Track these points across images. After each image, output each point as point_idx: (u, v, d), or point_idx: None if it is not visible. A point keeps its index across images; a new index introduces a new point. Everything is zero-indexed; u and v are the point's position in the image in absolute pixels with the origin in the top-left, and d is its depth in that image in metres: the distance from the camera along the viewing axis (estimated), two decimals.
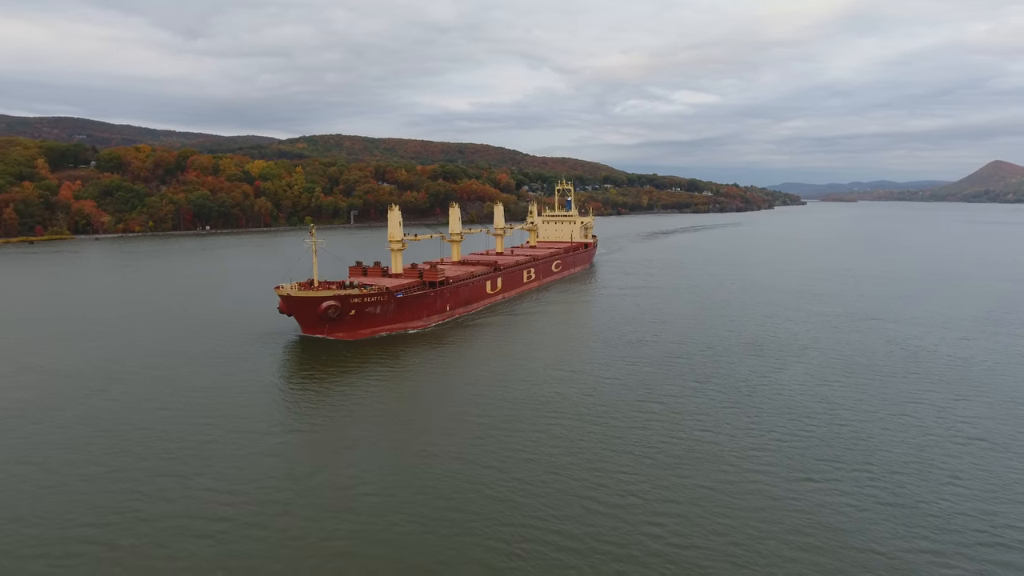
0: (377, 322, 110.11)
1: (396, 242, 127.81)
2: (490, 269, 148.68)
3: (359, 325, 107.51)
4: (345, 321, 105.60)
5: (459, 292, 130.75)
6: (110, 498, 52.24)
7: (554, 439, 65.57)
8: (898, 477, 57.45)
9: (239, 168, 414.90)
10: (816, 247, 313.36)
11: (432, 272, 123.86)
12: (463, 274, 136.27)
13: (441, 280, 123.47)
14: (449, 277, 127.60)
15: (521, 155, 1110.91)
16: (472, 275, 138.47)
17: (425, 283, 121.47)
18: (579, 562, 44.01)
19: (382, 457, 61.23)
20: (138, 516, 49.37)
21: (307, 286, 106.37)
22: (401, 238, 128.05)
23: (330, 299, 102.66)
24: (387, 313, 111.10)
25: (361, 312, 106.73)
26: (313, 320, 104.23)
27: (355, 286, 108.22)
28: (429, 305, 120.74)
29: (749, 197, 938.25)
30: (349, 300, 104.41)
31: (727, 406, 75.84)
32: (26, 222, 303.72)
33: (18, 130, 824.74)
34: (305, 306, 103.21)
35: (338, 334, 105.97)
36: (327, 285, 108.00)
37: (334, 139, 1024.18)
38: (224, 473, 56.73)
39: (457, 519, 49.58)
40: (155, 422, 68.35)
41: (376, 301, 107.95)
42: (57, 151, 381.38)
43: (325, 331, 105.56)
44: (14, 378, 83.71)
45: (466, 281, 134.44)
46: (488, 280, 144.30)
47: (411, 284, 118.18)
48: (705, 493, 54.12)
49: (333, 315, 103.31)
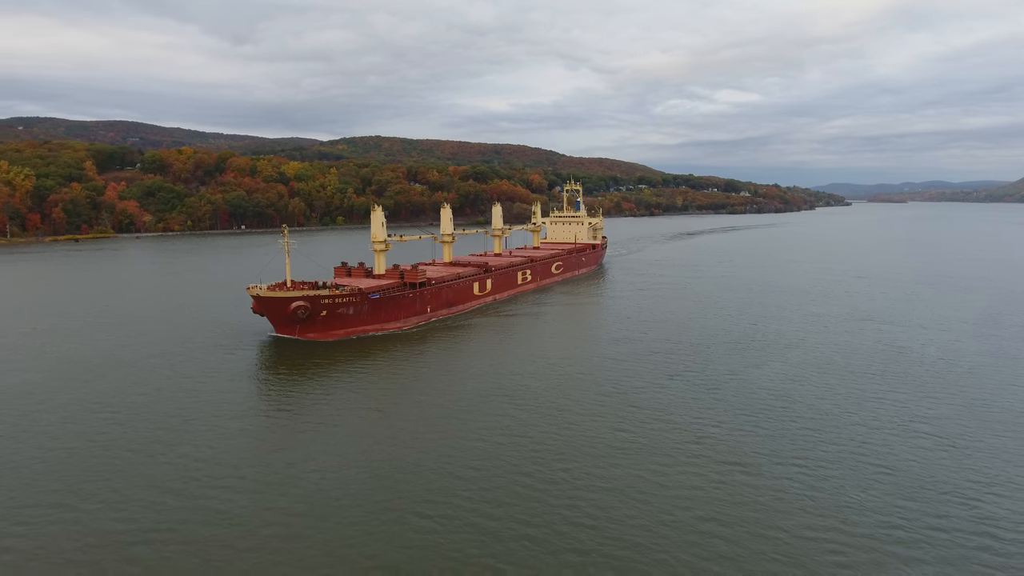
0: (351, 323, 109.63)
1: (379, 243, 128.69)
2: (480, 270, 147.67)
3: (332, 326, 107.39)
4: (317, 322, 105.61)
5: (441, 293, 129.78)
6: (90, 464, 57.84)
7: (501, 428, 68.89)
8: (827, 470, 58.96)
9: (275, 170, 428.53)
10: (844, 249, 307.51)
11: (413, 273, 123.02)
12: (448, 275, 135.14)
13: (421, 281, 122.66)
14: (431, 278, 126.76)
15: (558, 155, 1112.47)
16: (459, 276, 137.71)
17: (405, 284, 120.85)
18: (496, 526, 47.43)
19: (329, 442, 65.59)
20: (114, 482, 54.77)
21: (281, 287, 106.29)
22: (384, 239, 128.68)
23: (299, 300, 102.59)
24: (361, 314, 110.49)
25: (333, 313, 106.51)
26: (284, 320, 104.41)
27: (327, 287, 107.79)
28: (407, 306, 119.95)
29: (789, 198, 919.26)
30: (319, 301, 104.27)
31: (687, 400, 77.87)
32: (73, 221, 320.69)
33: (76, 133, 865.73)
34: (275, 306, 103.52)
35: (310, 335, 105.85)
36: (300, 286, 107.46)
37: (373, 140, 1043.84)
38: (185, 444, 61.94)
39: (385, 497, 53.50)
40: (140, 404, 74.32)
41: (348, 302, 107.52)
42: (105, 153, 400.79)
43: (297, 331, 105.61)
44: (30, 363, 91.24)
45: (451, 282, 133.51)
46: (476, 281, 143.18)
47: (389, 285, 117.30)
48: (632, 480, 56.75)
49: (303, 316, 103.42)
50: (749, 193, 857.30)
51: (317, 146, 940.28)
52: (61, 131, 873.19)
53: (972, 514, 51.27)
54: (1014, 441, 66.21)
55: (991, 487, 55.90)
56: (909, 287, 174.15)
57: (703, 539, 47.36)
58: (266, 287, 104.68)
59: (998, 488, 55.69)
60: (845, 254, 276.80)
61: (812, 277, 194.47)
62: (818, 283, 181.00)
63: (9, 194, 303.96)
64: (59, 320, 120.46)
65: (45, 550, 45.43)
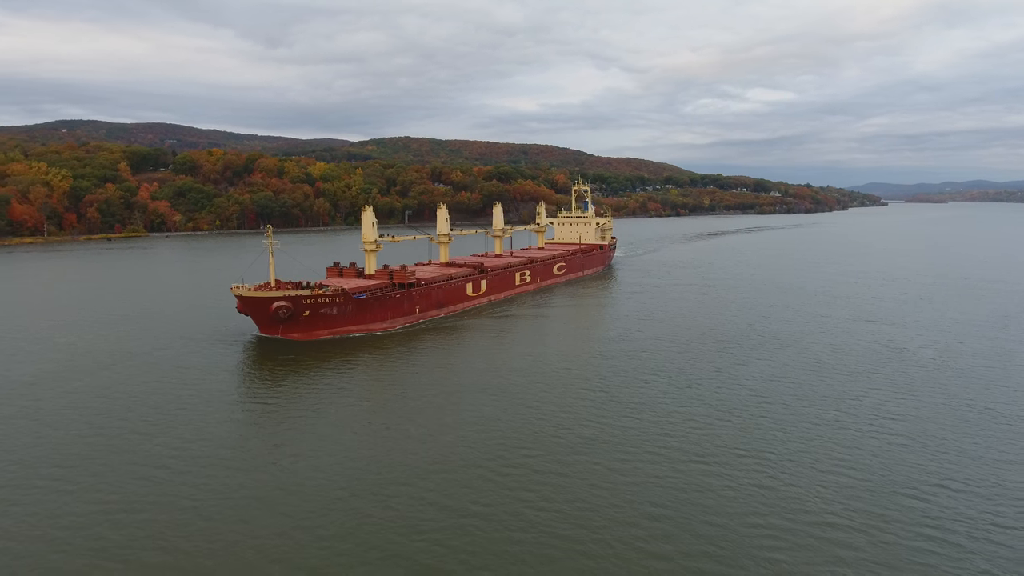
0: (335, 323, 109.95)
1: (369, 243, 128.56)
2: (474, 271, 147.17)
3: (315, 326, 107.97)
4: (300, 322, 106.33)
5: (431, 294, 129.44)
6: (88, 442, 62.01)
7: (473, 420, 71.34)
8: (785, 465, 59.97)
9: (302, 170, 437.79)
10: (864, 249, 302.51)
11: (401, 274, 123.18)
12: (439, 276, 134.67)
13: (410, 282, 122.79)
14: (420, 279, 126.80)
15: (585, 155, 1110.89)
16: (451, 277, 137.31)
17: (394, 285, 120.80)
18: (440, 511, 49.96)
19: (299, 429, 68.88)
20: (106, 459, 58.78)
21: (266, 287, 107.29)
22: (374, 239, 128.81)
23: (280, 300, 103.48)
24: (345, 314, 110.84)
25: (316, 313, 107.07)
26: (267, 320, 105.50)
27: (311, 287, 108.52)
28: (395, 307, 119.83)
29: (820, 198, 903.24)
30: (301, 301, 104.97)
31: (664, 396, 79.26)
32: (107, 220, 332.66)
33: (117, 135, 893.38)
34: (257, 306, 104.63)
35: (292, 335, 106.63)
36: (284, 286, 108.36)
37: (402, 141, 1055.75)
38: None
39: (333, 486, 56.41)
40: (141, 392, 78.77)
41: (331, 303, 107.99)
42: (139, 155, 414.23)
43: (280, 331, 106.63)
44: (44, 354, 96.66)
45: (441, 283, 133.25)
46: (469, 282, 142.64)
47: (376, 286, 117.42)
48: (591, 468, 58.69)
49: (284, 316, 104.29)
50: (779, 193, 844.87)
51: (347, 147, 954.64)
52: (102, 133, 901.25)
53: (912, 512, 51.97)
54: (984, 441, 66.25)
55: (945, 485, 56.39)
56: (921, 288, 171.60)
57: (645, 521, 49.10)
58: (249, 287, 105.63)
59: (953, 486, 56.15)
60: (864, 254, 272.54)
61: (824, 278, 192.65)
62: (828, 285, 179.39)
63: (47, 194, 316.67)
64: (81, 314, 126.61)
65: (38, 514, 49.35)
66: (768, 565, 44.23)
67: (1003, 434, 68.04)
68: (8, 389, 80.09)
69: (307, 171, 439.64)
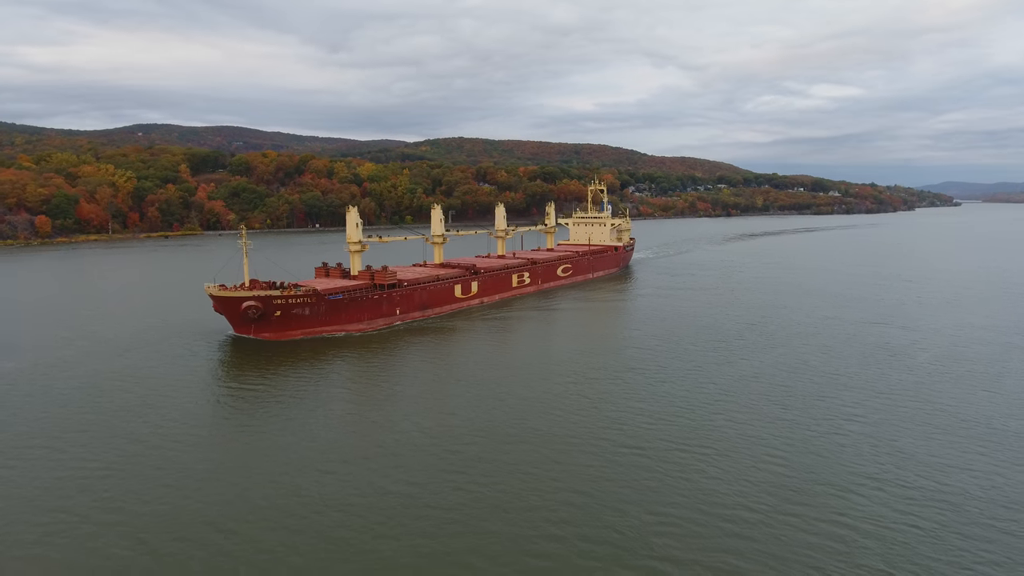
0: (307, 323, 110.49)
1: (354, 244, 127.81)
2: (465, 272, 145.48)
3: (287, 326, 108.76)
4: (272, 321, 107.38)
5: (414, 295, 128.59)
6: (81, 419, 69.38)
7: (431, 410, 75.41)
8: (722, 460, 61.41)
9: (351, 171, 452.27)
10: (907, 250, 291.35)
11: (382, 274, 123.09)
12: (424, 277, 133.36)
13: (391, 283, 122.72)
14: (402, 280, 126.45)
15: (639, 155, 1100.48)
16: (437, 278, 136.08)
17: (374, 285, 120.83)
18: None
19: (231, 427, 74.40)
20: (92, 433, 65.89)
21: (242, 287, 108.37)
22: (359, 240, 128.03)
23: (250, 300, 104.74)
24: (319, 315, 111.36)
25: (288, 313, 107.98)
26: (239, 319, 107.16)
27: (284, 287, 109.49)
28: (373, 308, 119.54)
29: (884, 198, 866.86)
30: (271, 301, 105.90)
31: (631, 391, 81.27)
32: (167, 219, 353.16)
33: (188, 138, 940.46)
34: (229, 306, 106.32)
35: (264, 334, 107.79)
36: (259, 286, 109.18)
37: (455, 142, 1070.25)
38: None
39: (283, 478, 61.40)
40: (146, 373, 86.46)
41: (303, 303, 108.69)
42: (199, 157, 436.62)
43: (252, 331, 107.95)
44: (72, 341, 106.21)
45: (426, 284, 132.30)
46: (458, 284, 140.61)
47: (354, 286, 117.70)
48: (532, 456, 61.87)
49: (254, 315, 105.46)
50: (839, 193, 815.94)
51: (401, 148, 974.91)
52: (175, 136, 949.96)
53: (823, 510, 52.95)
54: (937, 447, 65.74)
55: (869, 485, 56.91)
56: (954, 292, 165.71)
57: (562, 507, 52.04)
58: (221, 287, 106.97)
59: (874, 486, 56.62)
60: (905, 256, 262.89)
61: (852, 281, 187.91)
62: (854, 287, 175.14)
63: (113, 194, 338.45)
64: (116, 305, 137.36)
65: (28, 475, 56.34)
66: (661, 550, 46.53)
67: (961, 441, 67.20)
68: (32, 370, 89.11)
69: (355, 172, 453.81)
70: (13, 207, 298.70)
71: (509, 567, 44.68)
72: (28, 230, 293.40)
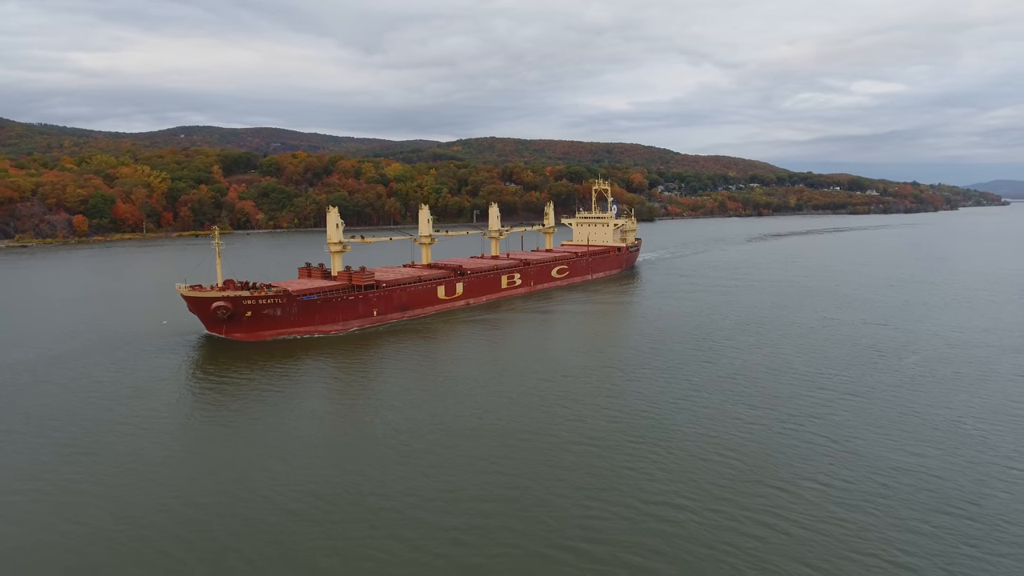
0: (279, 324, 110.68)
1: (334, 244, 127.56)
2: (450, 273, 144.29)
3: (258, 326, 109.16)
4: (243, 322, 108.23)
5: (392, 296, 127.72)
6: (73, 404, 73.93)
7: (400, 403, 77.94)
8: (673, 456, 62.27)
9: (378, 171, 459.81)
10: (942, 252, 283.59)
11: (360, 275, 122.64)
12: (405, 278, 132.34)
13: (368, 284, 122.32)
14: (380, 281, 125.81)
15: (671, 154, 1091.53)
16: (419, 279, 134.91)
17: (352, 286, 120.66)
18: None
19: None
20: (80, 415, 70.31)
21: (216, 287, 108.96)
22: (339, 240, 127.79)
23: (219, 300, 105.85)
24: (291, 316, 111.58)
25: (259, 314, 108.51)
26: (210, 320, 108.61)
27: (255, 287, 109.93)
28: (348, 309, 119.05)
29: (925, 197, 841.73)
30: (241, 302, 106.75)
31: (599, 388, 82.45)
32: (199, 219, 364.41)
33: (229, 140, 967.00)
34: (199, 306, 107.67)
35: (236, 334, 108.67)
36: (233, 286, 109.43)
37: (487, 141, 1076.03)
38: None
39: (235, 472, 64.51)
40: (137, 362, 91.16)
41: (274, 304, 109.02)
42: (231, 158, 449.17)
43: (223, 331, 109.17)
44: (80, 333, 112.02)
45: (407, 285, 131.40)
46: (442, 285, 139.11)
47: (330, 287, 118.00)
48: (486, 451, 63.86)
49: (223, 316, 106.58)
50: (877, 192, 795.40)
51: (433, 148, 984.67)
52: (216, 138, 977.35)
53: (753, 507, 53.66)
54: (891, 446, 65.51)
55: (805, 483, 57.31)
56: (966, 294, 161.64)
57: (512, 493, 53.98)
58: (190, 287, 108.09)
59: (811, 485, 56.97)
60: (928, 257, 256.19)
61: (862, 281, 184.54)
62: (863, 289, 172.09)
63: (147, 195, 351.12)
64: (136, 302, 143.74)
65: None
66: (575, 541, 48.08)
67: (917, 443, 66.70)
68: (35, 363, 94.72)
69: (383, 172, 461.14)
70: (53, 207, 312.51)
71: (426, 552, 46.76)
72: (66, 229, 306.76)
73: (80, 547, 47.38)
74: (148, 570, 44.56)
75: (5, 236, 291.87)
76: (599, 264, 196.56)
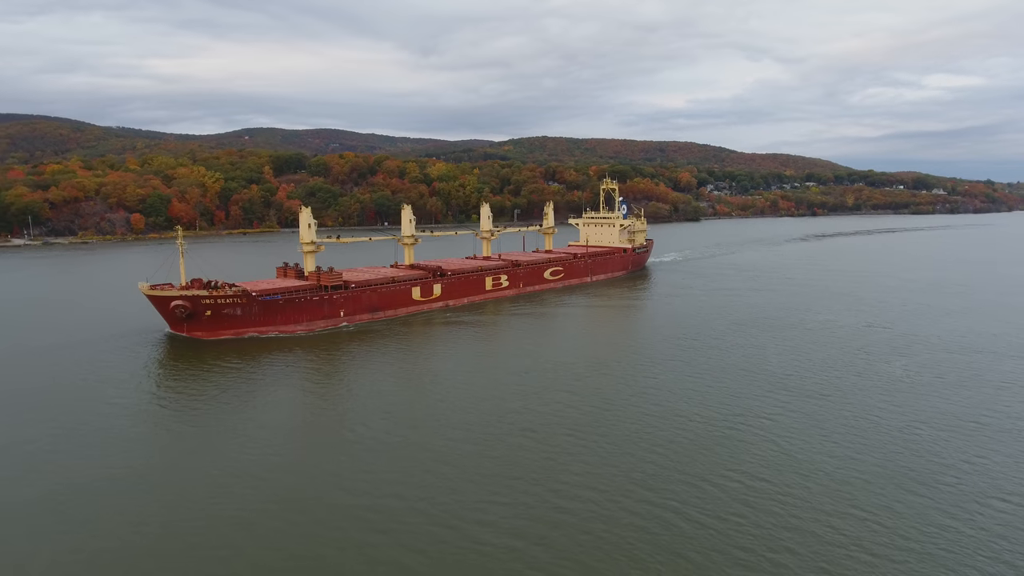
0: (240, 324, 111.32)
1: (307, 244, 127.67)
2: (427, 274, 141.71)
3: (218, 326, 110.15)
4: (203, 321, 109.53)
5: (361, 297, 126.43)
6: (67, 392, 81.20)
7: (370, 396, 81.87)
8: (612, 446, 64.25)
9: (421, 171, 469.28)
10: (993, 256, 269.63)
11: (328, 276, 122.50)
12: (376, 279, 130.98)
13: (335, 284, 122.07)
14: (348, 281, 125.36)
15: (727, 152, 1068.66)
16: (392, 280, 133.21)
17: (320, 287, 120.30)
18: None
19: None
20: (71, 403, 77.34)
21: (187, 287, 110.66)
22: (311, 240, 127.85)
23: (178, 300, 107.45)
24: (251, 316, 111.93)
25: (218, 313, 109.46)
26: (172, 318, 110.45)
27: (216, 287, 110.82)
28: (313, 310, 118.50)
29: (997, 196, 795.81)
30: (200, 301, 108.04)
31: (561, 383, 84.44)
32: (248, 217, 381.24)
33: (291, 141, 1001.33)
34: (160, 305, 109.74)
35: (196, 333, 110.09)
36: (197, 285, 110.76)
37: (538, 141, 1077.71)
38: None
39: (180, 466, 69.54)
40: (142, 349, 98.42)
41: (233, 303, 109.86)
42: (282, 159, 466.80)
43: (185, 329, 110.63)
44: (100, 329, 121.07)
45: (377, 286, 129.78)
46: (417, 286, 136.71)
47: (297, 287, 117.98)
48: (454, 445, 67.19)
49: (182, 315, 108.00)
50: (944, 191, 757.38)
51: (485, 147, 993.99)
52: (278, 139, 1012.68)
53: (695, 500, 54.95)
54: (829, 450, 65.31)
55: (739, 479, 58.10)
56: (992, 299, 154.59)
57: (483, 485, 57.23)
58: (151, 286, 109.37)
59: (754, 481, 57.71)
60: (973, 261, 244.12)
61: (889, 284, 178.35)
62: (886, 292, 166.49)
63: (201, 194, 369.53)
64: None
65: None
66: (481, 526, 50.77)
67: (867, 447, 66.20)
68: (42, 349, 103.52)
69: (426, 171, 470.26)
70: (113, 206, 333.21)
71: (354, 548, 50.36)
72: (124, 226, 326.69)
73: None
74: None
75: (70, 233, 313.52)
76: (600, 266, 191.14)
